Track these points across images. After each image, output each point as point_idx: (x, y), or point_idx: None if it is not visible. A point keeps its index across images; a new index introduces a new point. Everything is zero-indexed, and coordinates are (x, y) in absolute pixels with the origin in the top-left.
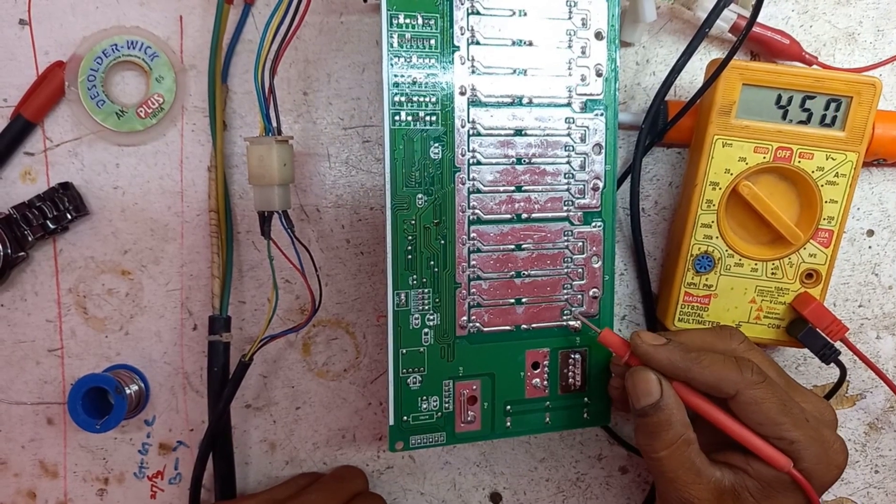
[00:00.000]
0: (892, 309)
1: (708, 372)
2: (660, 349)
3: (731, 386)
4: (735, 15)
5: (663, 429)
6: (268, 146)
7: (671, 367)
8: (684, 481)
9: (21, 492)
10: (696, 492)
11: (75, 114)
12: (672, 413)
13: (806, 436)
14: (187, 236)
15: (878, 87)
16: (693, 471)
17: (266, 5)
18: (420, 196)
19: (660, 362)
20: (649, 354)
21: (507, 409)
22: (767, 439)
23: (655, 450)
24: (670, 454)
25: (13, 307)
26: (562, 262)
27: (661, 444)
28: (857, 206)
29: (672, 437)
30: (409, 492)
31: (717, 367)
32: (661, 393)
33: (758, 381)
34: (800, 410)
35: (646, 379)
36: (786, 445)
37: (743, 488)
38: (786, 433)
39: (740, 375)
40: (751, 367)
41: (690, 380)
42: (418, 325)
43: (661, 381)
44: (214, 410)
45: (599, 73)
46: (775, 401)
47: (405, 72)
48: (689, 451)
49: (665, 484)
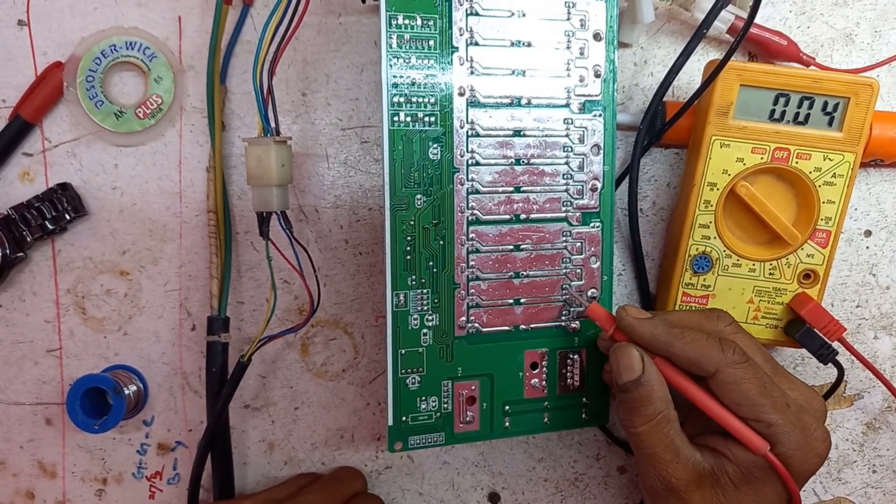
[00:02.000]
0: (889, 309)
1: (690, 348)
2: (644, 323)
3: (711, 363)
4: (732, 16)
5: (643, 404)
6: (266, 147)
7: (653, 341)
8: (663, 459)
9: (20, 492)
10: (674, 471)
11: (74, 114)
12: (653, 389)
13: (785, 420)
14: (186, 237)
15: (876, 88)
16: (672, 449)
17: (265, 6)
18: (419, 197)
19: (642, 335)
20: (633, 327)
21: (506, 409)
22: (746, 421)
23: (634, 425)
24: (649, 430)
25: (12, 307)
26: (560, 262)
27: (641, 420)
28: (855, 206)
29: (651, 412)
30: (408, 492)
31: (699, 344)
32: (643, 369)
33: (739, 361)
34: (781, 395)
35: (628, 354)
36: (763, 428)
37: (722, 472)
38: (764, 415)
39: (721, 354)
40: (733, 348)
41: (672, 355)
42: (417, 326)
43: (643, 356)
44: (213, 411)
45: (598, 74)
46: (755, 382)
47: (404, 72)
48: (669, 429)
49: (644, 462)
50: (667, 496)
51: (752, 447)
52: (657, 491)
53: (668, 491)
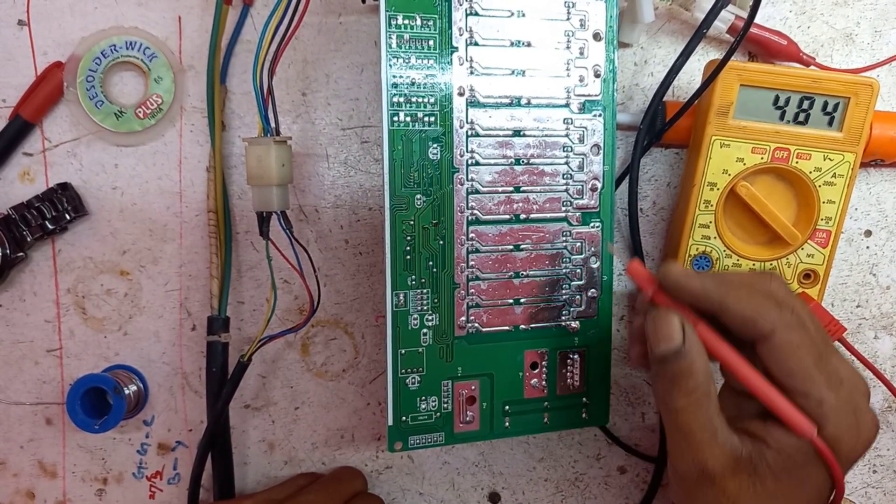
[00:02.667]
0: (889, 309)
1: (745, 304)
2: (693, 278)
3: (768, 322)
4: (733, 16)
5: (683, 377)
6: (266, 147)
7: (704, 296)
8: (700, 440)
9: (20, 492)
10: (711, 454)
11: (74, 114)
12: (694, 360)
13: (838, 398)
14: (186, 236)
15: (876, 88)
16: (709, 430)
17: (265, 6)
18: (419, 196)
19: (692, 290)
20: (680, 283)
21: (506, 409)
22: (794, 398)
23: (674, 399)
24: (689, 406)
25: (12, 307)
26: (560, 262)
27: (681, 394)
28: (855, 206)
29: (692, 386)
30: (408, 492)
31: (757, 301)
32: (684, 338)
33: (797, 324)
34: (834, 370)
35: (668, 322)
36: (813, 406)
37: (761, 459)
38: (816, 390)
39: (779, 313)
40: (791, 309)
41: (724, 311)
42: (417, 326)
43: (684, 324)
44: (213, 410)
45: (598, 74)
46: (812, 350)
47: (404, 72)
48: (709, 407)
49: (679, 442)
50: (700, 482)
51: (798, 430)
52: (689, 477)
53: (702, 476)
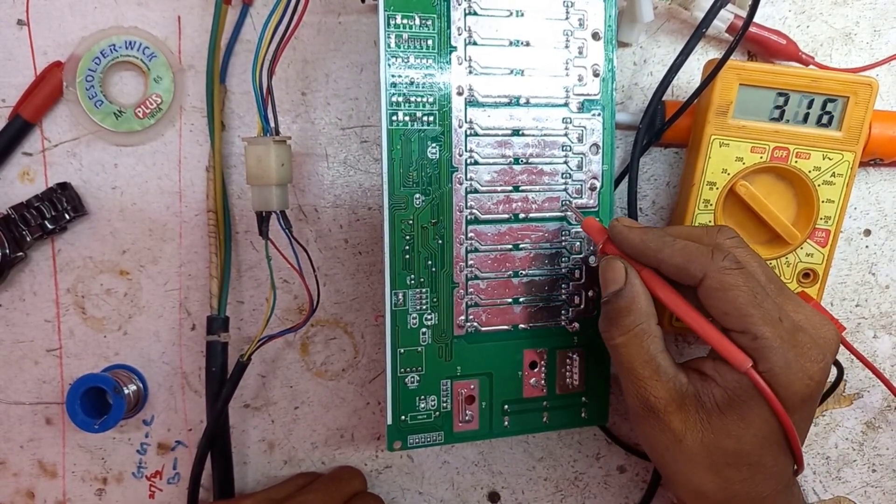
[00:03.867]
0: (889, 308)
1: (678, 253)
2: (634, 230)
3: (698, 268)
4: (732, 15)
5: (622, 314)
6: (266, 146)
7: (642, 247)
8: (641, 375)
9: (20, 491)
10: (653, 389)
11: (73, 114)
12: (634, 300)
13: (775, 334)
14: (186, 236)
15: (875, 87)
16: (651, 366)
17: (264, 5)
18: (418, 196)
19: (631, 242)
20: (623, 234)
21: (505, 408)
22: (731, 335)
23: (613, 336)
24: (627, 341)
25: (12, 307)
26: (559, 261)
27: (619, 331)
28: (854, 205)
29: (629, 323)
30: (408, 491)
31: (689, 250)
32: (626, 279)
33: (730, 267)
34: (775, 309)
35: (614, 267)
36: (749, 341)
37: (708, 396)
38: (752, 327)
39: (710, 259)
40: (726, 255)
41: (660, 262)
42: (416, 325)
43: (627, 268)
44: (213, 410)
45: (596, 74)
46: (746, 290)
47: (403, 72)
48: (648, 344)
49: (623, 378)
50: (646, 416)
51: (734, 362)
52: (637, 412)
53: (647, 410)
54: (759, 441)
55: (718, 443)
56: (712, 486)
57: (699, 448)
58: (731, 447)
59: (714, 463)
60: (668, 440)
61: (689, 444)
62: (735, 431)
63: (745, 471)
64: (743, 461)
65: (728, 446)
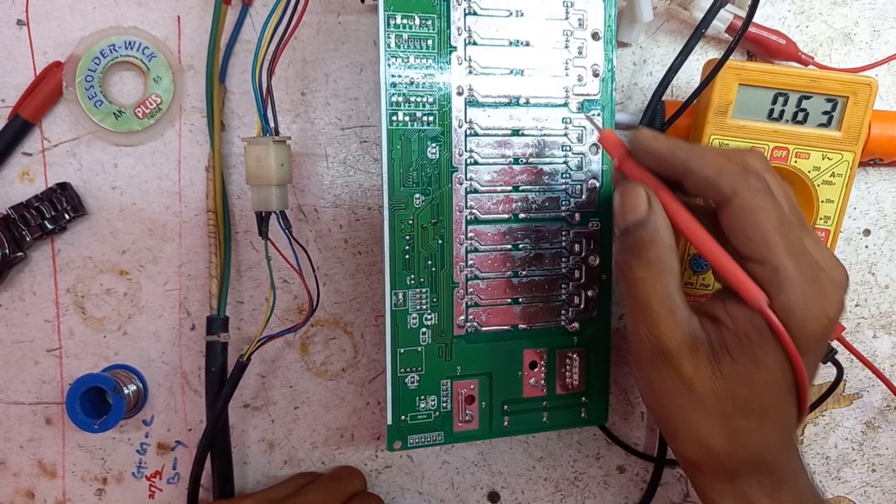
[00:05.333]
0: (888, 308)
1: (709, 164)
2: (661, 139)
3: (729, 184)
4: (731, 15)
5: (646, 247)
6: (265, 146)
7: (670, 156)
8: (657, 314)
9: (20, 491)
10: (667, 329)
11: (73, 114)
12: (657, 232)
13: (796, 266)
14: (185, 236)
15: (874, 87)
16: (668, 304)
17: (264, 5)
18: (417, 196)
19: (658, 151)
20: (648, 143)
21: (505, 408)
22: (749, 266)
23: (633, 269)
24: (648, 277)
25: (11, 307)
26: (559, 261)
27: (641, 265)
28: (854, 205)
29: (653, 257)
30: (408, 491)
31: (721, 163)
32: (650, 209)
33: (761, 189)
34: (799, 241)
35: (635, 193)
36: (768, 273)
37: (720, 342)
38: (774, 256)
39: (743, 177)
40: (758, 176)
41: (689, 172)
42: (416, 325)
43: (650, 196)
44: (212, 410)
45: (596, 74)
46: (773, 216)
47: (402, 72)
48: (668, 281)
49: (635, 318)
50: (654, 360)
51: (748, 296)
52: (645, 355)
53: (657, 353)
54: (770, 385)
55: (729, 389)
56: (719, 437)
57: (708, 395)
58: (742, 393)
59: (723, 411)
60: (677, 387)
61: (698, 391)
62: (746, 376)
63: (753, 420)
64: (752, 407)
65: (738, 392)
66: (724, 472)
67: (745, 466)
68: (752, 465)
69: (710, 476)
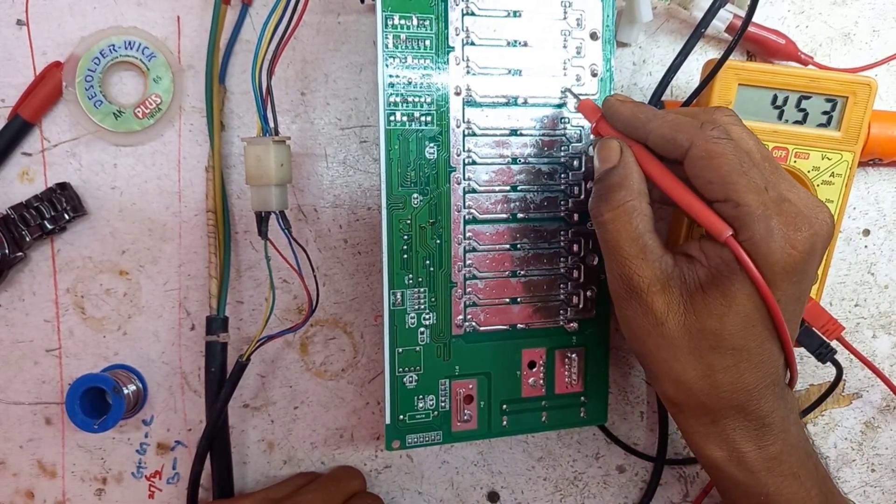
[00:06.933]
0: (888, 308)
1: (667, 125)
2: (627, 103)
3: (685, 137)
4: (731, 15)
5: (613, 190)
6: (265, 146)
7: (632, 119)
8: (627, 253)
9: (19, 491)
10: (637, 268)
11: (73, 114)
12: (626, 176)
13: (758, 201)
14: (185, 236)
15: (874, 87)
16: (638, 244)
17: (263, 5)
18: (416, 196)
19: (623, 114)
20: (615, 107)
21: (504, 408)
22: (715, 206)
23: (601, 212)
24: (615, 217)
25: (11, 307)
26: (558, 261)
27: (607, 206)
28: (853, 205)
29: (620, 198)
30: (407, 491)
31: (679, 121)
32: (621, 157)
33: (718, 137)
34: (762, 179)
35: (609, 146)
36: (731, 209)
37: (693, 276)
38: (734, 194)
39: (699, 129)
40: (715, 126)
41: (649, 133)
42: (414, 325)
43: (622, 147)
44: (212, 410)
45: (594, 74)
46: (732, 159)
47: (400, 72)
48: (637, 222)
49: (608, 257)
50: (628, 298)
51: (714, 231)
52: (619, 294)
53: (630, 291)
54: (742, 321)
55: (700, 324)
56: (694, 374)
57: (681, 331)
58: (713, 328)
59: (696, 347)
60: (650, 323)
61: (671, 327)
62: (717, 311)
63: (729, 357)
64: (726, 344)
65: (710, 327)
66: (705, 412)
67: (726, 409)
68: (733, 408)
69: (692, 418)
